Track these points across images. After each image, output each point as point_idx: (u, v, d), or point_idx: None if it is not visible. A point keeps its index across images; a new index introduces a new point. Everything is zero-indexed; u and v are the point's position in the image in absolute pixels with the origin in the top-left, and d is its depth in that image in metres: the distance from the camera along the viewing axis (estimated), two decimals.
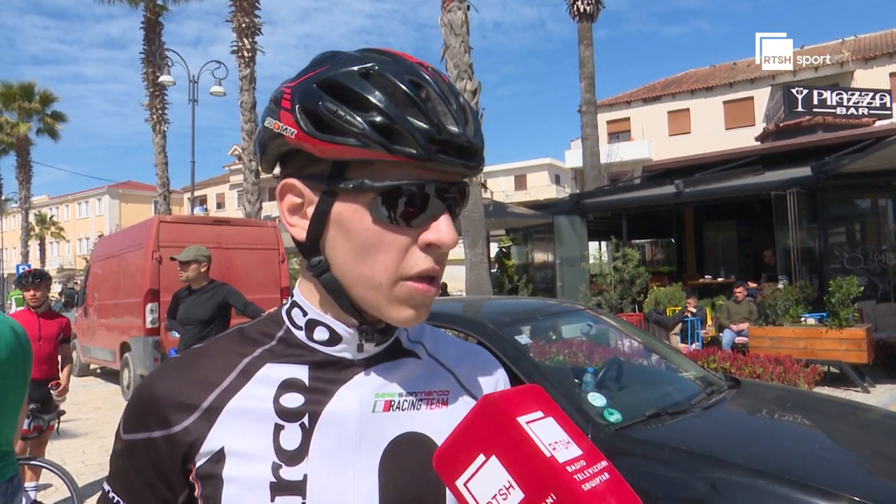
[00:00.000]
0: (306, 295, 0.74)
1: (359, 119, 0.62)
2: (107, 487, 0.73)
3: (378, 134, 0.62)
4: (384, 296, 0.67)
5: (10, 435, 2.29)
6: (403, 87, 0.63)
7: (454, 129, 0.64)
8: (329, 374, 0.72)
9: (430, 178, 0.65)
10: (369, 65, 0.64)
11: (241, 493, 0.66)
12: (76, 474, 4.17)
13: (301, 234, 0.69)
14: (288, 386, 0.70)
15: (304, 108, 0.64)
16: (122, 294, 9.27)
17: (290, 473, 0.67)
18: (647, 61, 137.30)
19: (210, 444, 0.67)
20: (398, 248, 0.65)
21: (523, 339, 3.19)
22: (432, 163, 0.63)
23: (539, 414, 0.58)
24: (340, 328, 0.72)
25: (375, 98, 0.62)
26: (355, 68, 0.64)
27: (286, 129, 0.65)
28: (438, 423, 0.74)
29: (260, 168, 0.74)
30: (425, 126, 0.62)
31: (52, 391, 4.52)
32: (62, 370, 4.74)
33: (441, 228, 0.65)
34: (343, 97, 0.63)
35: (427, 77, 0.65)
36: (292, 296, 0.76)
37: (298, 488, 0.67)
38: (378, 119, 0.62)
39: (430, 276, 0.67)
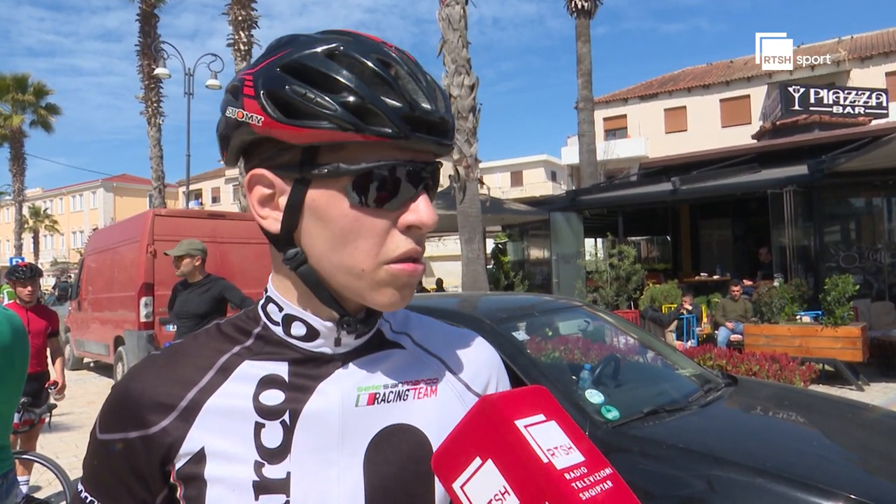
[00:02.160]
0: (281, 290, 0.72)
1: (331, 101, 0.59)
2: (80, 488, 0.71)
3: (351, 115, 0.59)
4: (367, 282, 0.65)
5: (5, 430, 2.27)
6: (372, 65, 0.61)
7: (427, 105, 0.62)
8: (309, 370, 0.70)
9: (405, 159, 0.63)
10: (334, 45, 0.62)
11: (225, 493, 0.64)
12: (69, 469, 4.13)
13: (274, 226, 0.66)
14: (267, 383, 0.68)
15: (269, 93, 0.61)
16: (117, 288, 9.23)
17: (272, 472, 0.65)
18: (646, 59, 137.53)
19: (189, 445, 0.66)
20: (378, 233, 0.63)
21: (520, 335, 3.17)
22: (407, 141, 0.61)
23: (540, 417, 0.56)
24: (317, 322, 0.70)
25: (345, 78, 0.60)
26: (319, 49, 0.61)
27: (252, 116, 0.62)
28: (426, 412, 0.72)
29: (223, 162, 0.71)
30: (398, 104, 0.60)
31: (50, 391, 4.48)
32: (54, 365, 4.69)
33: (420, 209, 0.64)
34: (310, 80, 0.60)
35: (393, 55, 0.63)
36: (266, 291, 0.74)
37: (282, 487, 0.65)
38: (350, 99, 0.59)
39: (413, 257, 0.65)
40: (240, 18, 17.02)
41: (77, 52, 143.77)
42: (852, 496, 1.93)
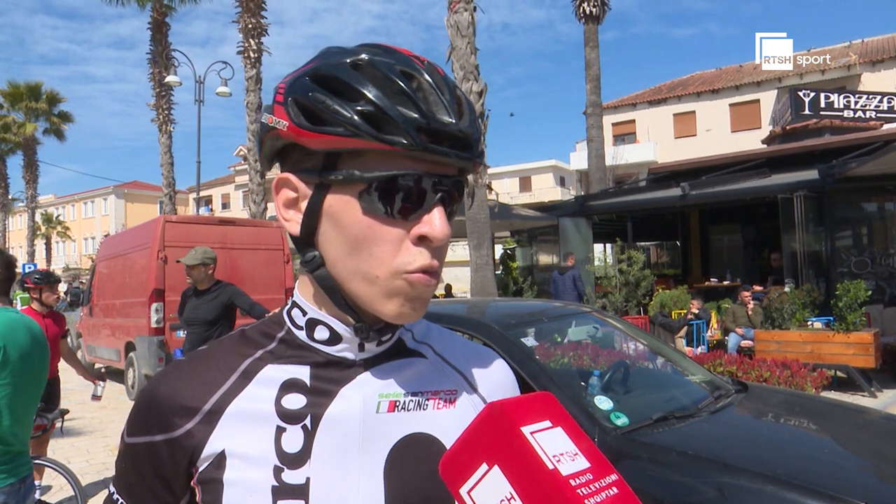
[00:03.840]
0: (305, 294, 0.73)
1: (347, 108, 0.61)
2: (112, 489, 0.73)
3: (367, 123, 0.61)
4: (380, 289, 0.65)
5: (24, 435, 2.29)
6: (393, 77, 0.62)
7: (445, 118, 0.63)
8: (331, 374, 0.70)
9: (422, 170, 0.63)
10: (360, 56, 0.64)
11: (242, 496, 0.65)
12: (80, 473, 4.17)
13: (295, 229, 0.68)
14: (289, 387, 0.69)
15: (295, 100, 0.64)
16: (128, 293, 9.29)
17: (292, 477, 0.66)
18: (656, 63, 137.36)
19: (211, 448, 0.67)
20: (391, 241, 0.64)
21: (529, 341, 3.17)
22: (422, 152, 0.62)
23: (546, 423, 0.56)
24: (340, 327, 0.71)
25: (365, 88, 0.62)
26: (346, 60, 0.64)
27: (279, 122, 0.65)
28: (446, 422, 0.72)
29: (260, 165, 0.75)
30: (415, 115, 0.61)
31: (101, 385, 4.63)
32: (75, 367, 4.82)
33: (433, 221, 0.64)
34: (333, 88, 0.63)
35: (419, 68, 0.64)
36: (293, 296, 0.76)
37: (301, 492, 0.65)
38: (367, 108, 0.61)
39: (429, 272, 0.65)
40: (250, 26, 17.16)
41: (90, 59, 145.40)
42: (863, 503, 1.91)
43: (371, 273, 0.65)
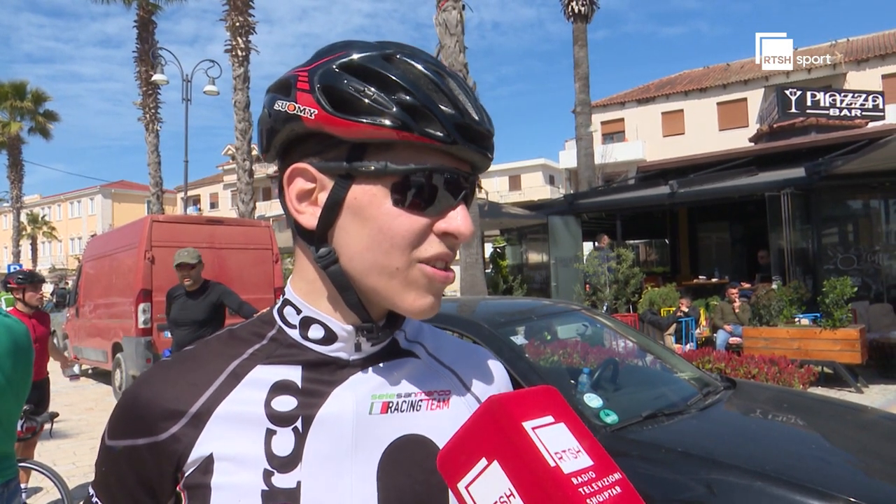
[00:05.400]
0: (300, 292, 0.71)
1: (386, 98, 0.61)
2: (91, 492, 0.71)
3: (406, 114, 0.60)
4: (400, 281, 0.64)
5: (8, 438, 2.25)
6: (428, 73, 0.63)
7: (476, 116, 0.64)
8: (323, 374, 0.68)
9: (450, 166, 0.64)
10: (391, 51, 0.64)
11: (231, 501, 0.63)
12: (67, 476, 4.12)
13: (311, 222, 0.66)
14: (280, 388, 0.67)
15: (326, 88, 0.62)
16: (115, 294, 9.21)
17: (282, 481, 0.64)
18: (647, 62, 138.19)
19: (198, 452, 0.65)
20: (415, 233, 0.63)
21: (519, 339, 3.18)
22: (455, 148, 0.62)
23: (549, 419, 0.54)
24: (337, 326, 0.69)
25: (403, 81, 0.61)
26: (377, 53, 0.63)
27: (304, 109, 0.62)
28: (439, 423, 0.71)
29: (263, 156, 0.71)
30: (451, 111, 0.62)
31: (76, 365, 4.65)
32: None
33: (458, 218, 0.64)
34: (367, 78, 0.62)
35: (445, 67, 0.65)
36: (284, 294, 0.73)
37: (292, 496, 0.64)
38: (407, 99, 0.61)
39: (444, 260, 0.66)
40: (237, 24, 17.05)
41: (77, 58, 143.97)
42: (851, 499, 1.92)
43: (391, 265, 0.64)
